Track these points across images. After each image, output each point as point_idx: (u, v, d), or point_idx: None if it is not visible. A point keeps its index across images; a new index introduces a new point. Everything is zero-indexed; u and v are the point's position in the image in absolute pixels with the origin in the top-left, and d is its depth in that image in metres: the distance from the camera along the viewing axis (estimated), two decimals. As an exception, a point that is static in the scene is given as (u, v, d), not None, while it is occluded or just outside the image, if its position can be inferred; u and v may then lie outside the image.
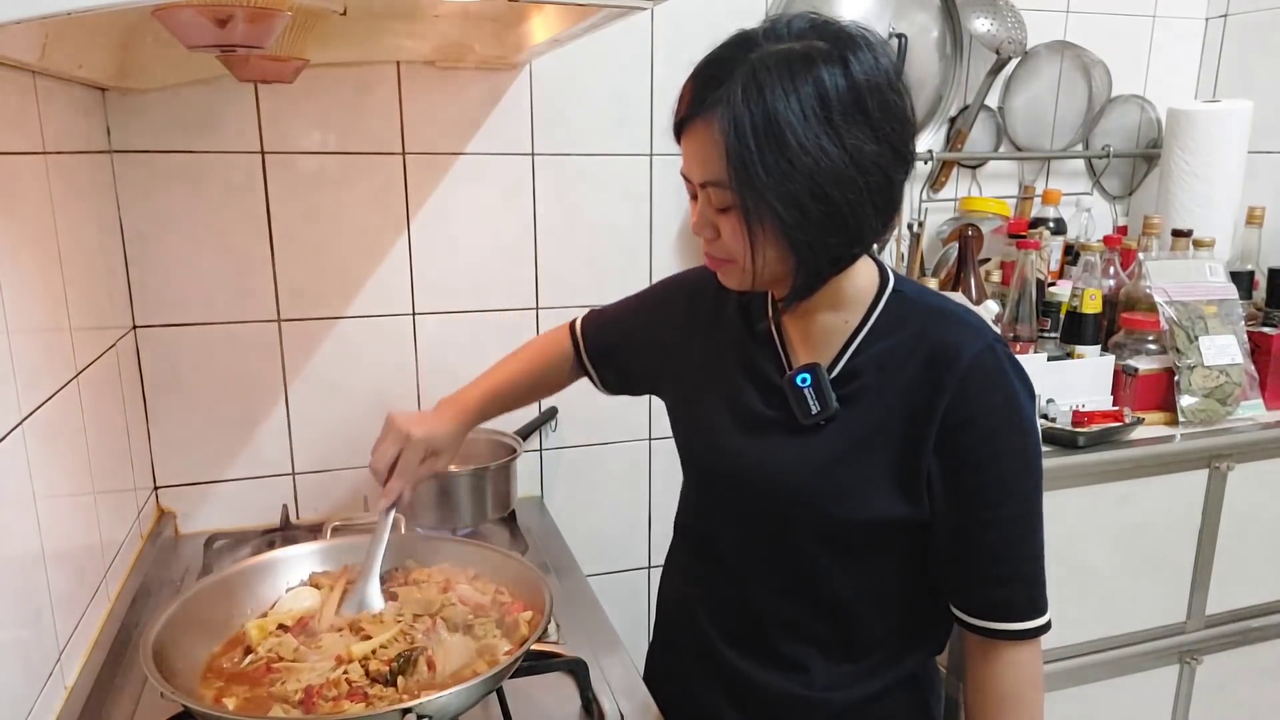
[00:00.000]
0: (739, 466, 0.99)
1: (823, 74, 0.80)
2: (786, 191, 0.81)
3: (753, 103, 0.80)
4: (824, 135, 0.80)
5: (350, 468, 1.63)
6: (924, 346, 0.91)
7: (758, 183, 0.81)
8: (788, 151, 0.80)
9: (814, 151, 0.80)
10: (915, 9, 1.82)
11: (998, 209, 1.96)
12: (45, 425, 1.02)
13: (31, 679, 0.96)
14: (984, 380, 0.89)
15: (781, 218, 0.83)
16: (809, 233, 0.84)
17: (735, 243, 0.87)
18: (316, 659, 0.96)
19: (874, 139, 0.82)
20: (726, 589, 1.05)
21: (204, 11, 0.85)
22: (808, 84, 0.80)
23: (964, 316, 0.94)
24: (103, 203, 1.36)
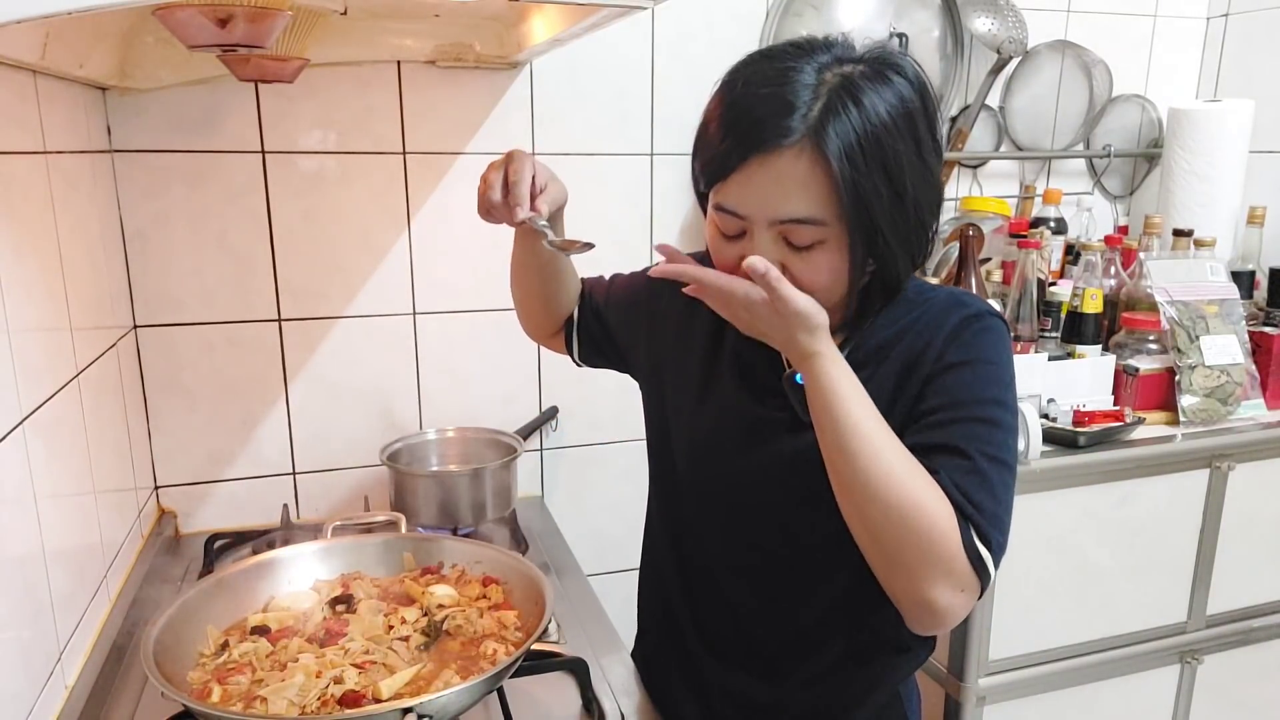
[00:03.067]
0: (741, 472, 0.96)
1: (904, 93, 0.79)
2: (890, 211, 0.79)
3: (855, 125, 0.76)
4: (910, 145, 0.79)
5: (350, 468, 1.63)
6: (916, 328, 0.90)
7: (870, 210, 0.78)
8: (890, 167, 0.77)
9: (911, 174, 0.79)
10: (916, 8, 1.82)
11: (998, 208, 1.95)
12: (46, 425, 1.02)
13: (32, 679, 0.96)
14: (960, 336, 0.88)
15: (884, 238, 0.80)
16: (899, 248, 0.82)
17: (821, 278, 0.81)
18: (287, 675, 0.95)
19: (935, 144, 0.82)
20: (715, 600, 1.03)
21: (204, 11, 0.85)
22: (897, 104, 0.78)
23: (960, 296, 0.93)
24: (103, 203, 1.36)
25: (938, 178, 0.85)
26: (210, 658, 1.00)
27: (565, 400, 1.74)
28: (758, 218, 0.81)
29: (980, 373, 0.88)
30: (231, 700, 0.92)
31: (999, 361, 0.89)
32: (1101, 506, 1.56)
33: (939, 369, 0.88)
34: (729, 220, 0.84)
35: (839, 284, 0.83)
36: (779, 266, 0.81)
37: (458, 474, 1.50)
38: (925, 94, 0.82)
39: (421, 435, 1.62)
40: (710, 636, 1.04)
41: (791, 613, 0.98)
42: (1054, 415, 1.57)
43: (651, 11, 1.62)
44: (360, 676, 0.94)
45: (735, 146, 0.80)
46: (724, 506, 1.01)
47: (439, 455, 1.62)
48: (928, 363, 0.88)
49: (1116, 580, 1.61)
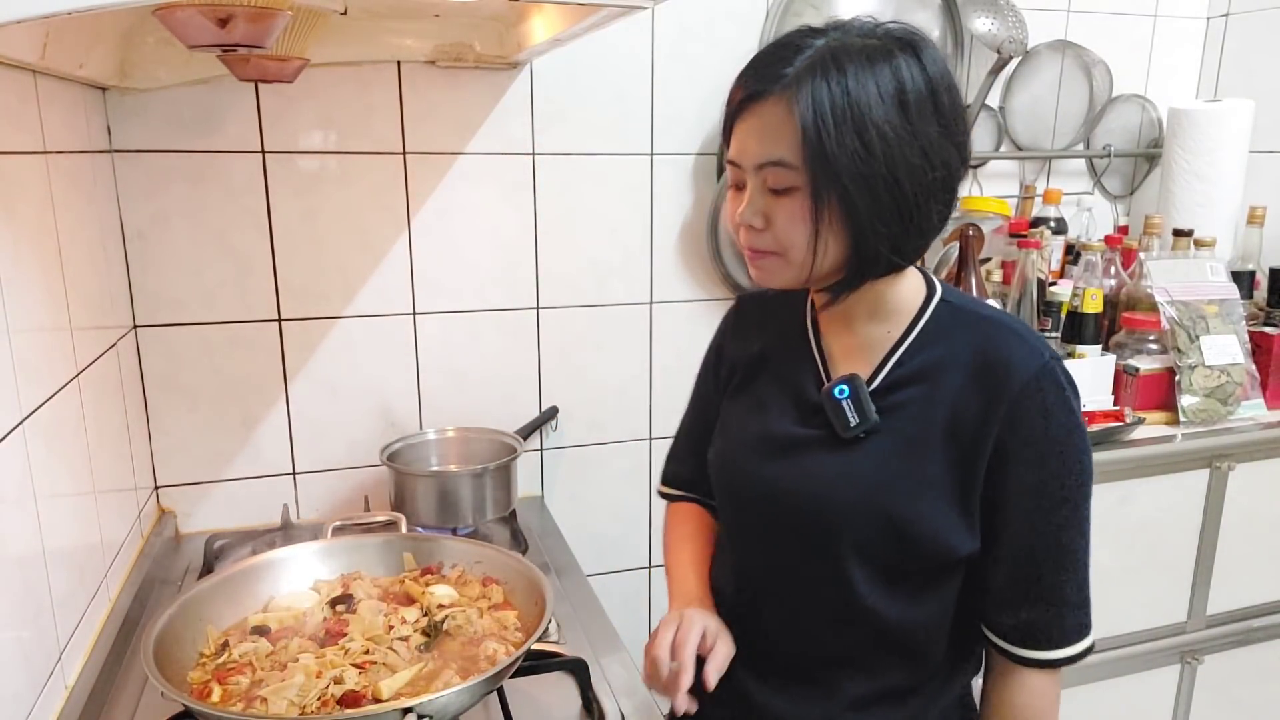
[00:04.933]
0: (777, 490, 0.94)
1: (900, 64, 0.80)
2: (860, 173, 0.79)
3: (833, 82, 0.79)
4: (900, 123, 0.79)
5: (350, 467, 1.63)
6: (974, 359, 0.87)
7: (833, 162, 0.79)
8: (866, 133, 0.79)
9: (890, 137, 0.79)
10: (916, 8, 1.82)
11: (998, 208, 1.95)
12: (46, 425, 1.02)
13: (32, 679, 0.96)
14: (1041, 402, 0.85)
15: (852, 201, 0.80)
16: (874, 221, 0.82)
17: (794, 229, 0.83)
18: (287, 675, 0.95)
19: (943, 134, 0.82)
20: (762, 625, 0.98)
21: (204, 11, 0.85)
22: (886, 71, 0.79)
23: (1018, 329, 0.90)
24: (103, 202, 1.36)
25: (942, 165, 0.82)
26: (210, 658, 1.00)
27: (565, 400, 1.74)
28: (747, 164, 0.85)
29: (1069, 470, 0.86)
30: (231, 700, 0.92)
31: (1084, 444, 0.88)
32: (1101, 506, 1.54)
33: (1015, 445, 0.86)
34: (733, 172, 0.88)
35: (809, 233, 0.83)
36: (762, 217, 0.85)
37: (458, 474, 1.50)
38: (937, 80, 0.81)
39: (421, 435, 1.62)
40: (755, 653, 0.98)
41: (845, 640, 0.94)
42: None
43: (651, 11, 1.62)
44: (360, 676, 0.94)
45: (737, 101, 0.85)
46: (763, 525, 0.97)
47: (439, 455, 1.62)
48: (995, 421, 0.86)
49: (1116, 580, 1.61)
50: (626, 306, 1.75)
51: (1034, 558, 0.88)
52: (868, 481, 0.89)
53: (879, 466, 0.89)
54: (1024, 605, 0.89)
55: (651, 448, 1.83)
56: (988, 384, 0.86)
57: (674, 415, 1.84)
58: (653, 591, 1.91)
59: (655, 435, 1.83)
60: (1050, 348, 0.89)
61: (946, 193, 0.85)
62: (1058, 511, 0.87)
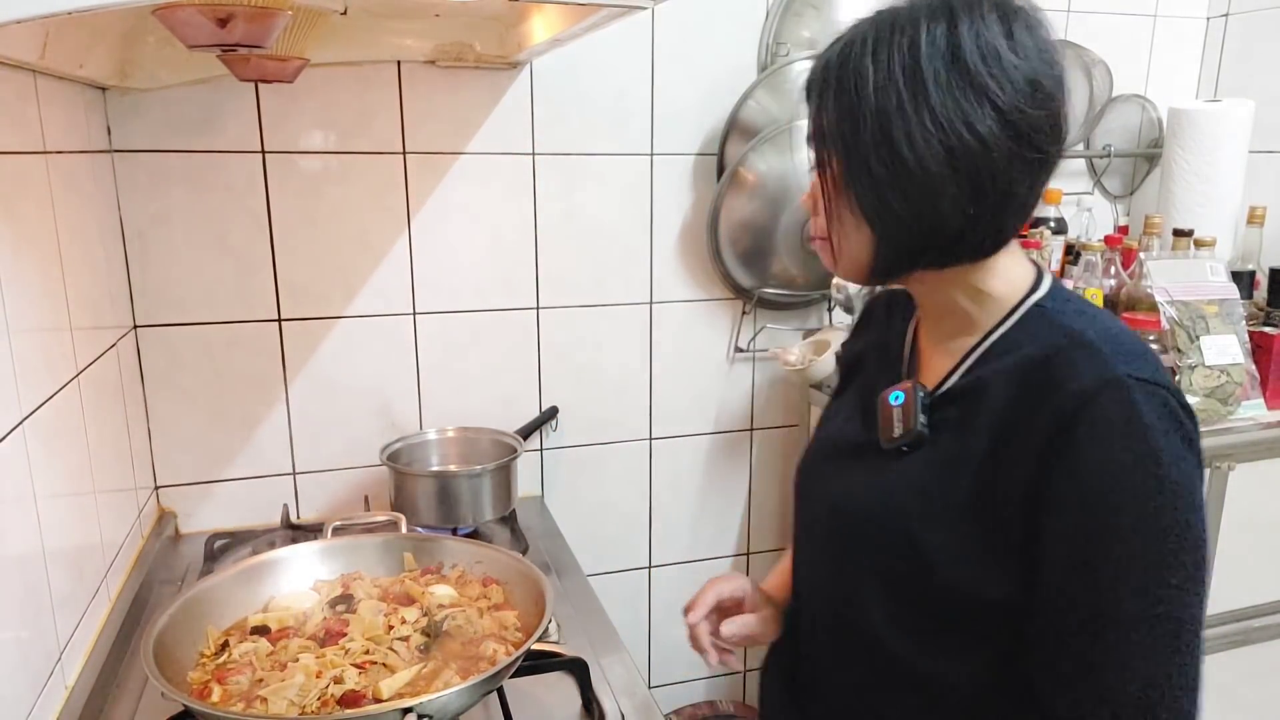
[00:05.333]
0: (813, 495, 0.91)
1: (922, 29, 0.72)
2: (849, 144, 0.74)
3: (839, 52, 0.75)
4: (901, 88, 0.71)
5: (350, 468, 1.63)
6: (1033, 373, 0.74)
7: (829, 135, 0.76)
8: (852, 100, 0.73)
9: (883, 106, 0.72)
10: (916, 8, 1.82)
11: (998, 209, 1.95)
12: (46, 425, 1.02)
13: (32, 679, 0.96)
14: (1095, 426, 0.69)
15: (851, 175, 0.75)
16: (880, 198, 0.74)
17: (819, 209, 0.80)
18: (287, 675, 0.95)
19: (970, 100, 0.71)
20: (802, 638, 0.95)
21: (204, 11, 0.85)
22: (900, 39, 0.72)
23: (1096, 341, 0.73)
24: (103, 202, 1.36)
25: (969, 133, 0.71)
26: (210, 658, 1.00)
27: (565, 400, 1.74)
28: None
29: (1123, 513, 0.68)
30: (231, 700, 0.92)
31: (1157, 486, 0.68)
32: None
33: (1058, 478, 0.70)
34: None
35: (822, 211, 0.80)
36: (811, 199, 0.82)
37: (458, 474, 1.50)
38: (965, 43, 0.71)
39: (421, 435, 1.62)
40: (801, 667, 0.96)
41: (861, 664, 0.87)
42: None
43: (651, 11, 1.62)
44: (360, 676, 0.94)
45: None
46: (804, 531, 0.95)
47: (439, 455, 1.62)
48: (1037, 447, 0.71)
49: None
50: (626, 306, 1.75)
51: (1069, 626, 0.71)
52: (893, 499, 0.81)
53: (908, 484, 0.80)
54: (1068, 688, 0.72)
55: (651, 448, 1.83)
56: (1037, 402, 0.73)
57: (674, 415, 1.85)
58: (653, 591, 1.91)
59: (655, 435, 1.83)
60: (1144, 365, 0.71)
61: (982, 178, 0.72)
62: (1102, 569, 0.69)
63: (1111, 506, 0.69)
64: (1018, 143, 0.72)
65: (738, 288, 1.79)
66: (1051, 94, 0.74)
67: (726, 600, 1.01)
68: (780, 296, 1.80)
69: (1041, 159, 0.74)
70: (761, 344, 1.85)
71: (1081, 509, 0.70)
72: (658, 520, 1.88)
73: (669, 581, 1.92)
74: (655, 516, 1.87)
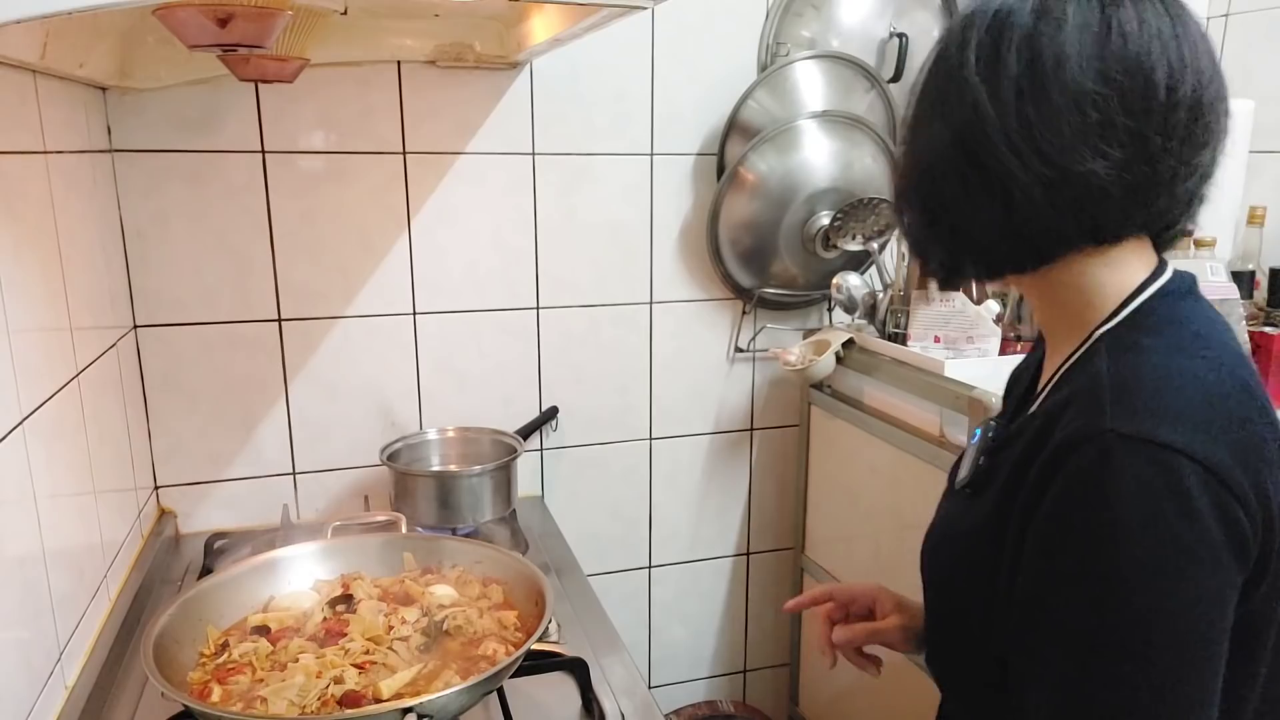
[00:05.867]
0: (927, 546, 0.85)
1: (976, 12, 0.68)
2: (903, 137, 0.73)
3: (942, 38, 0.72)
4: (942, 75, 0.69)
5: (350, 468, 1.63)
6: (1047, 417, 0.69)
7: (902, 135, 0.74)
8: (914, 91, 0.72)
9: (924, 92, 0.70)
10: (916, 8, 1.82)
11: (998, 209, 1.95)
12: (46, 425, 1.02)
13: (32, 679, 0.96)
14: (1066, 479, 0.63)
15: (900, 167, 0.74)
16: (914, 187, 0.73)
17: None
18: (287, 676, 0.96)
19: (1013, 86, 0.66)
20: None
21: (204, 11, 0.85)
22: (960, 22, 0.69)
23: (1112, 384, 0.65)
24: (103, 202, 1.36)
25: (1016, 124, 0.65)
26: (210, 658, 1.00)
27: (565, 400, 1.74)
28: None
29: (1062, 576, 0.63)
30: (231, 700, 0.92)
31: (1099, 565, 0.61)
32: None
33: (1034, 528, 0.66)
34: None
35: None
36: None
37: (458, 474, 1.50)
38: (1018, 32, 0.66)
39: (421, 435, 1.62)
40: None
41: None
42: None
43: (651, 11, 1.62)
44: (360, 676, 0.94)
45: None
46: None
47: (439, 455, 1.62)
48: (1030, 499, 0.66)
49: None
50: (626, 306, 1.75)
51: (1014, 670, 0.69)
52: (934, 543, 0.79)
53: (946, 528, 0.78)
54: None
55: (651, 448, 1.83)
56: (1034, 453, 0.68)
57: (674, 415, 1.85)
58: (653, 591, 1.91)
59: (655, 435, 1.83)
60: (1157, 423, 0.61)
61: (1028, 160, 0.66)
62: (1036, 629, 0.66)
63: (1047, 569, 0.65)
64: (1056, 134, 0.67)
65: (738, 288, 1.79)
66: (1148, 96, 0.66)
67: (846, 599, 0.96)
68: (780, 296, 1.80)
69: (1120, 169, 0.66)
70: (761, 344, 1.85)
71: (1031, 560, 0.66)
72: (658, 520, 1.88)
73: (669, 581, 1.92)
74: (655, 516, 1.87)
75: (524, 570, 1.11)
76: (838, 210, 1.67)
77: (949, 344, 1.55)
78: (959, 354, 1.53)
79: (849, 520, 1.71)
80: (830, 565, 1.79)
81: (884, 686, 1.64)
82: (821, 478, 1.80)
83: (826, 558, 1.81)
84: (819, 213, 1.70)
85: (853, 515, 1.69)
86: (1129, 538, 0.60)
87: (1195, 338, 0.68)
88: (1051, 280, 0.72)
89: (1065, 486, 0.63)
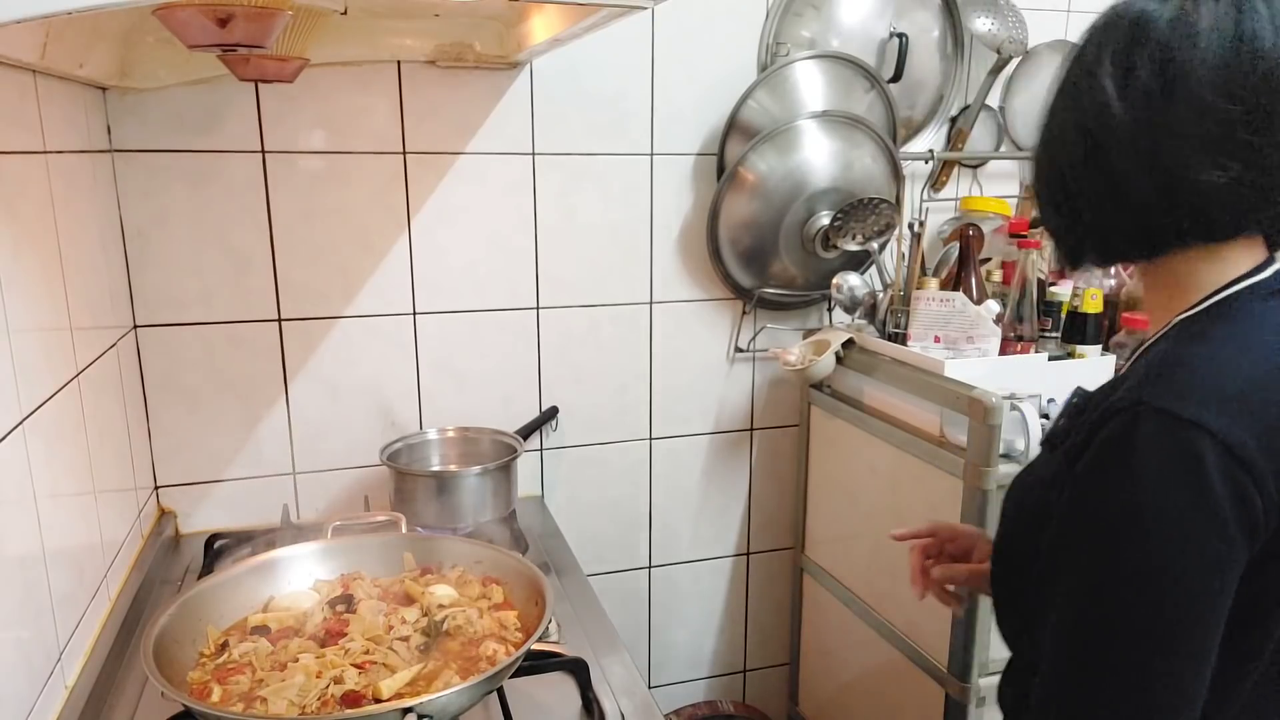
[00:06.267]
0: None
1: (1117, 14, 0.73)
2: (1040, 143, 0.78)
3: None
4: (1064, 77, 0.75)
5: (350, 468, 1.63)
6: (1113, 391, 0.74)
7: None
8: (1052, 85, 0.77)
9: (1066, 86, 0.75)
10: (916, 8, 1.82)
11: (999, 208, 1.95)
12: (46, 425, 1.02)
13: (32, 679, 0.96)
14: (1098, 448, 0.70)
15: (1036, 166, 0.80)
16: (1041, 177, 0.79)
17: None
18: (287, 676, 0.96)
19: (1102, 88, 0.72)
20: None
21: (204, 11, 0.85)
22: (1101, 20, 0.75)
23: (1162, 365, 0.72)
24: (103, 202, 1.36)
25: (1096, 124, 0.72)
26: (210, 658, 1.00)
27: (565, 400, 1.74)
28: None
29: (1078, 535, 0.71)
30: (231, 700, 0.92)
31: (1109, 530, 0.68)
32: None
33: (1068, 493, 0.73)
34: None
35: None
36: None
37: (458, 474, 1.50)
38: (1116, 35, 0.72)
39: (421, 435, 1.62)
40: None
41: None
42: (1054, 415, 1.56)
43: (651, 11, 1.62)
44: (360, 676, 0.94)
45: None
46: None
47: (439, 455, 1.62)
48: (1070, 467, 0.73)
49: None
50: (626, 306, 1.75)
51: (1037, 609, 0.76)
52: (1011, 489, 0.86)
53: (1024, 476, 0.85)
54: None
55: (651, 448, 1.83)
56: (1086, 419, 0.74)
57: (674, 415, 1.85)
58: (653, 591, 1.91)
59: (655, 435, 1.83)
60: (1189, 403, 0.67)
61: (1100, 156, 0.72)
62: (1060, 570, 0.73)
63: (1071, 519, 0.72)
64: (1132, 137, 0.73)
65: (738, 288, 1.79)
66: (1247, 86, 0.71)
67: (947, 536, 1.04)
68: (780, 296, 1.80)
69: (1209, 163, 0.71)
70: (761, 344, 1.85)
71: (1061, 509, 0.73)
72: (658, 520, 1.88)
73: (669, 581, 1.92)
74: (655, 516, 1.87)
75: (524, 570, 1.11)
76: (838, 210, 1.67)
77: (949, 344, 1.55)
78: (959, 354, 1.53)
79: (849, 520, 1.71)
80: (830, 565, 1.79)
81: (884, 686, 1.64)
82: (821, 478, 1.80)
83: (826, 558, 1.81)
84: (819, 213, 1.70)
85: (853, 515, 1.69)
86: (1143, 500, 0.66)
87: (1261, 333, 0.72)
88: (1159, 268, 0.77)
89: (1098, 449, 0.69)
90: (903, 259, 1.68)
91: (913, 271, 1.65)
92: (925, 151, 1.88)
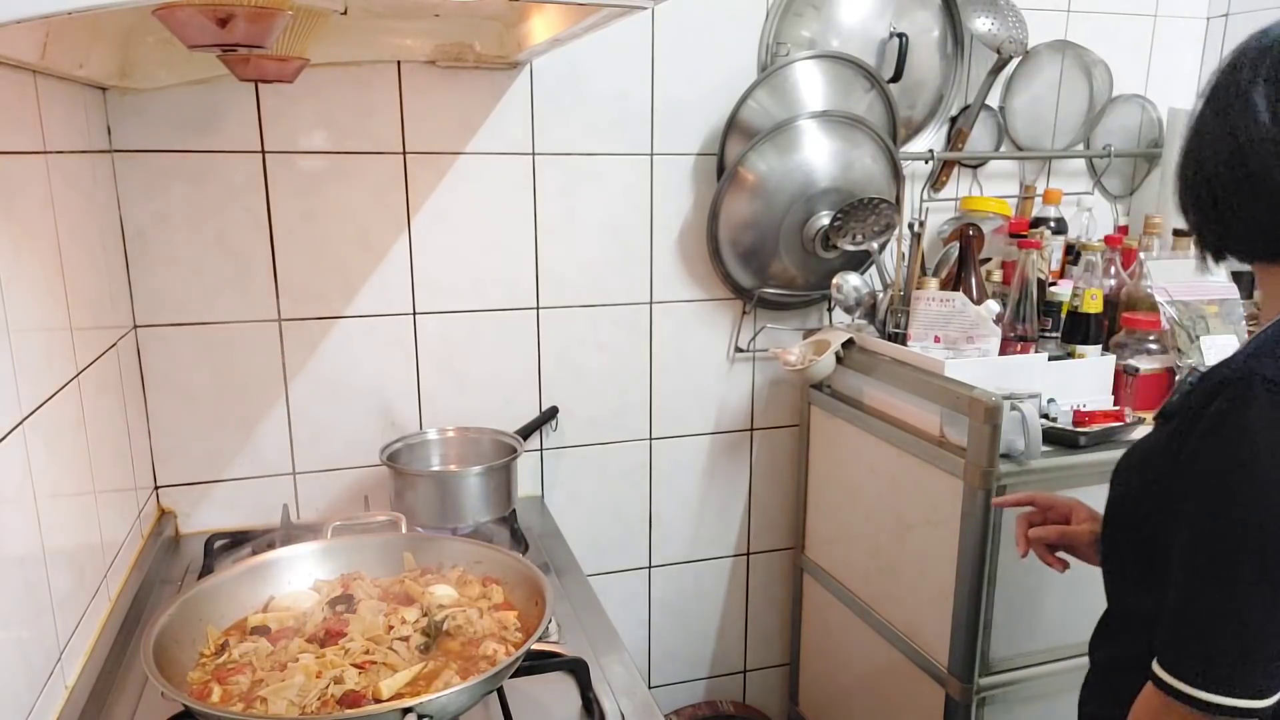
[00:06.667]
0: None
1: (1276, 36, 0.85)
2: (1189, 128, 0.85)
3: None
4: (1235, 88, 0.83)
5: (350, 468, 1.63)
6: (1226, 365, 0.81)
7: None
8: (1203, 93, 0.85)
9: (1219, 95, 0.83)
10: (916, 8, 1.82)
11: (999, 208, 1.95)
12: (46, 425, 1.02)
13: (32, 679, 0.96)
14: (1210, 419, 0.76)
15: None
16: (1189, 180, 0.86)
17: None
18: (287, 676, 0.96)
19: (1212, 114, 0.83)
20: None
21: (204, 11, 0.85)
22: (1259, 39, 0.87)
23: (1265, 341, 0.80)
24: (103, 202, 1.36)
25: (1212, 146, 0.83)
26: (210, 658, 1.00)
27: (565, 400, 1.74)
28: None
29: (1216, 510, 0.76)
30: (231, 700, 0.92)
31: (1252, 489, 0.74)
32: (1102, 506, 1.56)
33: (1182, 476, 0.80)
34: None
35: None
36: None
37: (458, 474, 1.50)
38: (1233, 65, 0.85)
39: (421, 435, 1.62)
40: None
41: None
42: (1054, 415, 1.56)
43: (651, 11, 1.62)
44: (360, 676, 0.94)
45: None
46: None
47: (439, 455, 1.62)
48: (1174, 443, 0.81)
49: (1117, 580, 1.61)
50: (626, 306, 1.75)
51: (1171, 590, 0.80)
52: (1125, 455, 0.95)
53: (1139, 444, 0.93)
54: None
55: (651, 448, 1.83)
56: (1193, 390, 0.81)
57: (674, 415, 1.85)
58: (653, 591, 1.91)
59: (655, 435, 1.83)
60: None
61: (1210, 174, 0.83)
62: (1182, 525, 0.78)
63: (1185, 491, 0.78)
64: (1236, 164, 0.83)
65: (738, 288, 1.79)
66: None
67: (1046, 504, 1.11)
68: (780, 296, 1.80)
69: None
70: (761, 344, 1.85)
71: (1182, 467, 0.79)
72: (658, 520, 1.88)
73: (669, 581, 1.92)
74: (655, 516, 1.87)
75: (524, 570, 1.11)
76: (838, 210, 1.67)
77: (949, 344, 1.55)
78: (959, 354, 1.53)
79: (849, 520, 1.71)
80: (830, 565, 1.79)
81: (884, 687, 1.64)
82: (821, 478, 1.80)
83: (826, 558, 1.81)
84: (819, 213, 1.70)
85: (853, 515, 1.69)
86: (1256, 460, 0.73)
87: None
88: None
89: (1214, 416, 0.75)
90: (903, 259, 1.68)
91: (913, 271, 1.65)
92: (925, 151, 1.88)
